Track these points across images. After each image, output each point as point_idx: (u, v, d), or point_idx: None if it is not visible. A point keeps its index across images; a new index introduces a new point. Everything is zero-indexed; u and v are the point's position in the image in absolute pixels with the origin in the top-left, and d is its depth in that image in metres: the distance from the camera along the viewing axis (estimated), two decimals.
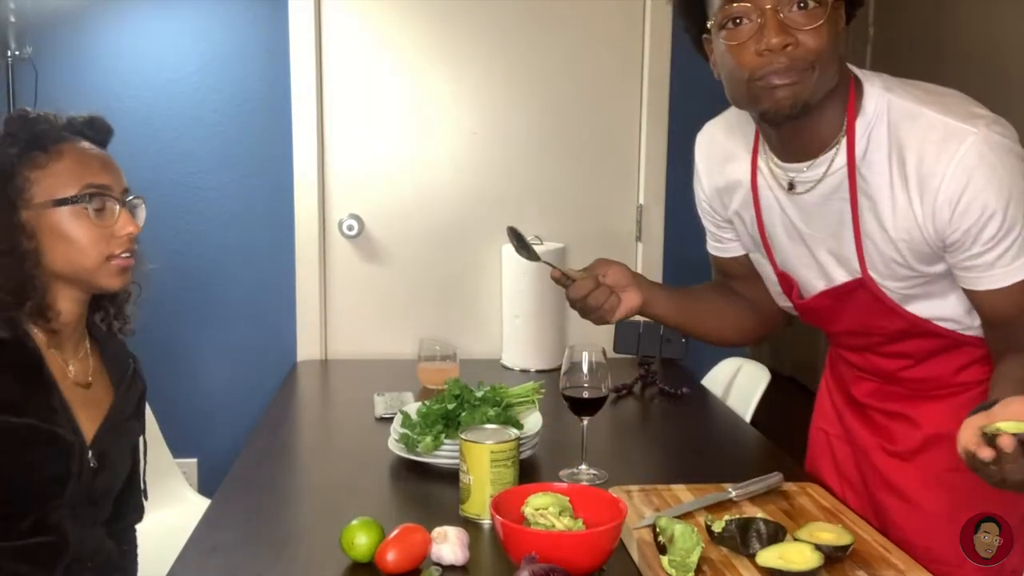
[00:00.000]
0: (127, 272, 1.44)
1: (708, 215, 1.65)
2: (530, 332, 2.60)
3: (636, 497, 1.49)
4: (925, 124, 1.30)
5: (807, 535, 1.29)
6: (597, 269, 1.56)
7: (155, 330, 2.72)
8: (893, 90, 1.35)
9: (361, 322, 2.79)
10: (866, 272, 1.41)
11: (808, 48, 1.28)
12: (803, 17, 1.28)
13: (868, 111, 1.35)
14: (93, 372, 1.48)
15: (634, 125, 2.79)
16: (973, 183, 1.26)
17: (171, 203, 2.66)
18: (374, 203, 2.75)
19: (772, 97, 1.31)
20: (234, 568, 1.34)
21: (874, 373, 1.56)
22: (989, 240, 1.29)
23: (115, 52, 2.62)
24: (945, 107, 1.30)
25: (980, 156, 1.25)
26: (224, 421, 2.74)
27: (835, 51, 1.31)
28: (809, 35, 1.28)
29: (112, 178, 1.44)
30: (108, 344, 1.54)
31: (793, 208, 1.45)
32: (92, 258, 1.39)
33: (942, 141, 1.27)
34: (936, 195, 1.29)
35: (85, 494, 1.41)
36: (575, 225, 2.80)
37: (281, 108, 2.68)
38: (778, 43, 1.27)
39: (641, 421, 2.20)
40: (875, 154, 1.34)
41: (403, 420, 1.75)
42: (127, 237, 1.42)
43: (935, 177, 1.28)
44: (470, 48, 2.73)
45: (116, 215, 1.42)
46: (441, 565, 1.29)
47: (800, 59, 1.28)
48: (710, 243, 1.70)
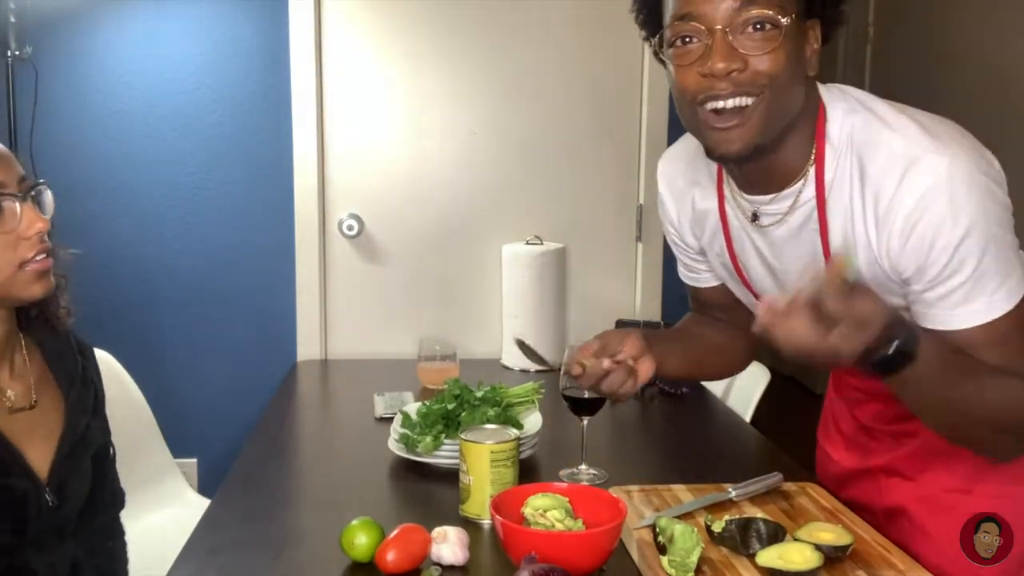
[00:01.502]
0: (47, 275, 1.26)
1: (679, 247, 1.59)
2: (530, 332, 2.60)
3: (636, 497, 1.49)
4: (886, 151, 1.21)
5: (807, 535, 1.29)
6: (611, 346, 1.44)
7: (154, 330, 2.74)
8: (857, 112, 1.26)
9: (361, 322, 2.79)
10: None
11: (757, 72, 1.19)
12: (756, 41, 1.19)
13: (833, 138, 1.27)
14: (37, 383, 1.33)
15: (634, 125, 2.79)
16: (928, 216, 1.17)
17: (171, 203, 2.67)
18: (374, 203, 2.75)
19: (715, 139, 1.24)
20: (234, 568, 1.34)
21: (874, 394, 1.51)
22: (936, 277, 1.20)
23: (115, 52, 2.62)
24: (912, 134, 1.20)
25: (938, 187, 1.16)
26: (224, 421, 2.74)
27: (793, 77, 1.22)
28: (761, 60, 1.19)
29: (3, 171, 1.22)
30: (48, 342, 1.37)
31: (762, 241, 1.37)
32: (1, 271, 1.21)
33: (901, 170, 1.19)
34: (891, 227, 1.21)
35: (47, 528, 1.29)
36: (575, 225, 2.80)
37: (281, 108, 2.68)
38: (723, 68, 1.19)
39: (641, 421, 2.20)
40: (841, 184, 1.26)
41: (403, 420, 1.75)
42: (37, 237, 1.23)
43: (890, 208, 1.20)
44: (470, 48, 2.73)
45: (18, 214, 1.21)
46: (441, 565, 1.29)
47: (746, 84, 1.19)
48: (684, 273, 1.64)
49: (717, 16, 1.19)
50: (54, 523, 1.32)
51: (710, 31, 1.20)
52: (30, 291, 1.25)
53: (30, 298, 1.27)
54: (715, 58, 1.19)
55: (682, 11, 1.22)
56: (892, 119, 1.24)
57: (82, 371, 1.40)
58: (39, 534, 1.29)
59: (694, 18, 1.21)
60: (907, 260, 1.22)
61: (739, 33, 1.19)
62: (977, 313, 1.21)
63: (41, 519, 1.29)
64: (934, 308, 1.23)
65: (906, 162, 1.19)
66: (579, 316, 2.80)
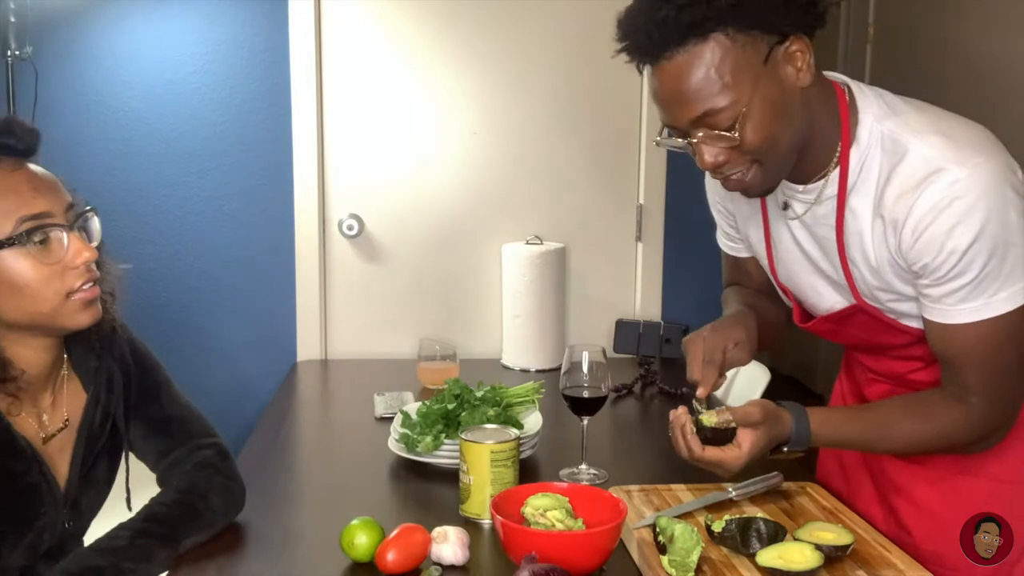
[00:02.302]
0: (94, 303, 1.26)
1: (722, 214, 1.63)
2: (530, 332, 2.60)
3: (636, 497, 1.49)
4: (911, 159, 1.26)
5: (807, 535, 1.29)
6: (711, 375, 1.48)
7: (154, 330, 2.73)
8: (888, 118, 1.31)
9: (361, 322, 2.79)
10: (860, 298, 1.41)
11: (741, 152, 1.27)
12: (724, 130, 1.25)
13: (862, 141, 1.31)
14: (68, 397, 1.33)
15: (634, 125, 2.79)
16: (941, 221, 1.23)
17: (171, 203, 2.66)
18: (374, 203, 2.75)
19: (727, 186, 1.34)
20: (234, 568, 1.34)
21: (887, 375, 1.54)
22: (942, 278, 1.27)
23: (115, 52, 2.62)
24: (937, 144, 1.25)
25: (954, 195, 1.22)
26: (224, 421, 2.71)
27: (781, 123, 1.26)
28: (738, 154, 1.27)
29: (50, 200, 1.22)
30: (75, 348, 1.35)
31: (796, 226, 1.44)
32: (48, 301, 1.21)
33: (921, 177, 1.24)
34: (903, 226, 1.27)
35: (62, 543, 1.31)
36: (575, 225, 2.80)
37: (281, 108, 2.68)
38: (708, 165, 1.29)
39: (641, 421, 2.20)
40: (865, 184, 1.32)
41: (403, 420, 1.75)
42: (84, 266, 1.23)
43: (906, 209, 1.26)
44: (470, 48, 2.73)
45: (65, 244, 1.21)
46: (441, 565, 1.29)
47: (737, 162, 1.28)
48: (723, 241, 1.68)
49: (683, 125, 1.29)
50: (70, 535, 1.34)
51: (686, 134, 1.29)
52: (77, 321, 1.25)
53: (77, 327, 1.26)
54: (698, 160, 1.30)
55: (662, 117, 1.33)
56: (921, 126, 1.28)
57: (108, 378, 1.38)
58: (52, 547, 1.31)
59: (670, 124, 1.32)
60: (915, 256, 1.28)
61: (708, 128, 1.27)
62: (976, 310, 1.28)
63: (57, 538, 1.31)
64: (938, 304, 1.30)
65: (927, 171, 1.24)
66: (579, 316, 2.80)
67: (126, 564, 1.22)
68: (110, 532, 1.27)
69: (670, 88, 1.26)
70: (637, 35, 1.27)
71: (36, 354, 1.26)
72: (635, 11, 1.28)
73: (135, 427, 1.43)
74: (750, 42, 1.23)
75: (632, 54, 1.29)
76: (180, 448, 1.44)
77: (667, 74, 1.25)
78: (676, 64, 1.24)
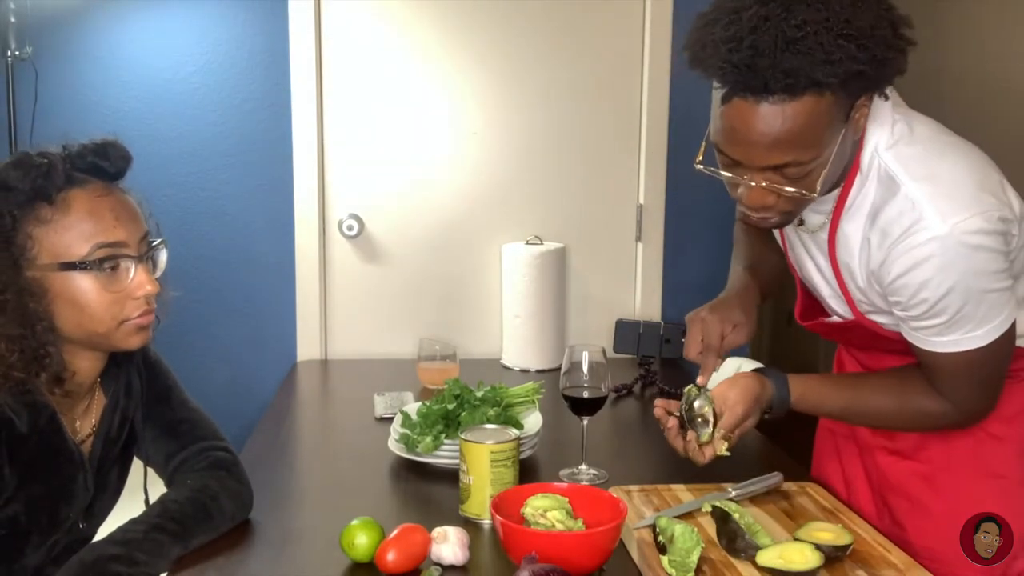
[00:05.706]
0: (146, 329, 1.32)
1: None
2: (530, 332, 2.60)
3: (636, 497, 1.49)
4: (898, 201, 1.27)
5: (807, 535, 1.29)
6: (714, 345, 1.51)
7: (154, 330, 2.73)
8: (891, 149, 1.29)
9: (361, 322, 2.79)
10: (857, 313, 1.43)
11: (782, 209, 1.29)
12: (786, 181, 1.24)
13: (863, 168, 1.31)
14: (96, 404, 1.39)
15: (634, 125, 2.79)
16: (916, 272, 1.26)
17: (171, 203, 2.66)
18: (374, 203, 2.75)
19: (749, 221, 1.38)
20: (234, 568, 1.34)
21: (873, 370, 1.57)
22: (917, 316, 1.31)
23: (115, 52, 2.62)
24: (926, 189, 1.25)
25: (932, 251, 1.23)
26: (224, 421, 2.71)
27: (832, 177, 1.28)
28: (788, 200, 1.27)
29: (128, 231, 1.28)
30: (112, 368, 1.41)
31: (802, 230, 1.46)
32: (104, 323, 1.26)
33: (906, 226, 1.25)
34: (881, 266, 1.30)
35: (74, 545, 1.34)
36: (575, 225, 2.80)
37: (281, 108, 2.68)
38: (756, 208, 1.29)
39: (641, 421, 2.20)
40: (859, 212, 1.33)
41: (403, 420, 1.75)
42: (144, 299, 1.29)
43: (888, 253, 1.28)
44: (470, 49, 2.73)
45: (131, 274, 1.27)
46: (441, 565, 1.29)
47: (780, 206, 1.29)
48: None
49: (755, 166, 1.24)
50: (80, 540, 1.36)
51: (746, 173, 1.25)
52: (128, 343, 1.31)
53: (127, 348, 1.32)
54: (745, 198, 1.28)
55: (728, 148, 1.25)
56: (916, 166, 1.27)
57: (127, 383, 1.43)
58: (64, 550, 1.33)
59: (735, 159, 1.25)
60: (892, 293, 1.32)
61: (778, 174, 1.24)
62: (952, 343, 1.31)
63: (70, 538, 1.34)
64: (916, 332, 1.35)
65: (911, 220, 1.24)
66: (579, 316, 2.80)
67: (139, 555, 1.23)
68: (123, 526, 1.29)
69: (761, 131, 1.19)
70: (745, 71, 1.15)
71: (86, 363, 1.32)
72: (751, 43, 1.14)
73: (147, 430, 1.47)
74: (844, 101, 1.21)
75: (728, 82, 1.19)
76: (189, 448, 1.47)
77: (762, 116, 1.17)
78: (780, 111, 1.17)
